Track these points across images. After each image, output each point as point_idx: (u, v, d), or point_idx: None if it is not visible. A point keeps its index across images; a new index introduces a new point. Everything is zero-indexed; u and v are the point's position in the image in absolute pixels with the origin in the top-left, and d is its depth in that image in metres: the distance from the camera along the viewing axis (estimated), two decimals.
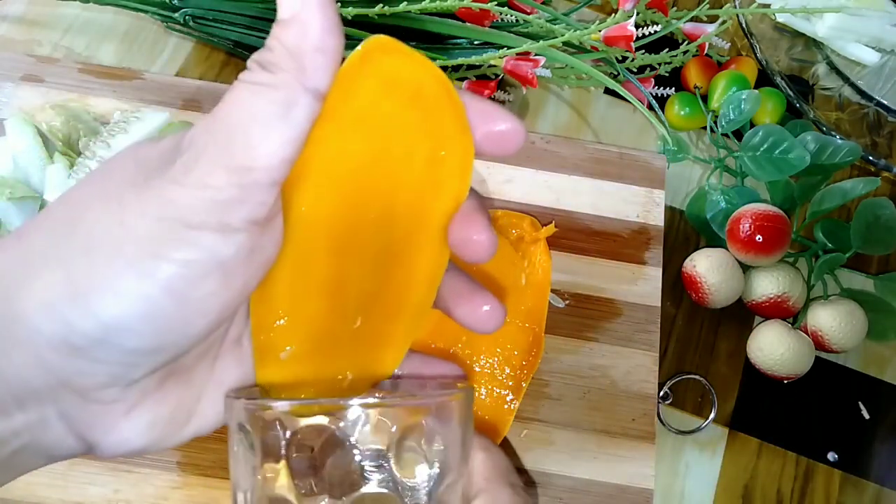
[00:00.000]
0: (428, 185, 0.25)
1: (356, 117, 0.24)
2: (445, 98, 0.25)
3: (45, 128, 0.49)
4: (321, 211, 0.25)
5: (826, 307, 0.49)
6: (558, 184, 0.52)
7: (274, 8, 0.53)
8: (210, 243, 0.21)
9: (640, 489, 0.44)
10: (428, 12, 0.52)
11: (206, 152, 0.21)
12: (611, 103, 0.59)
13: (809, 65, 0.61)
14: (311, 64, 0.22)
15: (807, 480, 0.48)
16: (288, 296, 0.26)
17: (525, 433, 0.45)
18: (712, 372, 0.51)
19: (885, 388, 0.51)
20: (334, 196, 0.25)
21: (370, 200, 0.25)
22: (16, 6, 0.59)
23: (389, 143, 0.25)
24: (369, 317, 0.28)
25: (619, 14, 0.51)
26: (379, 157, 0.25)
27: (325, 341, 0.27)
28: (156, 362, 0.22)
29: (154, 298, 0.21)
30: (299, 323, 0.27)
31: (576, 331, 0.48)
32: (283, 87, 0.22)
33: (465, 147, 0.25)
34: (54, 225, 0.22)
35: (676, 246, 0.54)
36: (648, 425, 0.46)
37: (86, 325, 0.21)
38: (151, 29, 0.59)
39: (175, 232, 0.21)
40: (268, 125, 0.21)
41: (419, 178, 0.25)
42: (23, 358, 0.21)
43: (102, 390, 0.22)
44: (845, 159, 0.51)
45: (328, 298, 0.27)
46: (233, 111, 0.22)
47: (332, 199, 0.25)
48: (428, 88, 0.24)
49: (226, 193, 0.21)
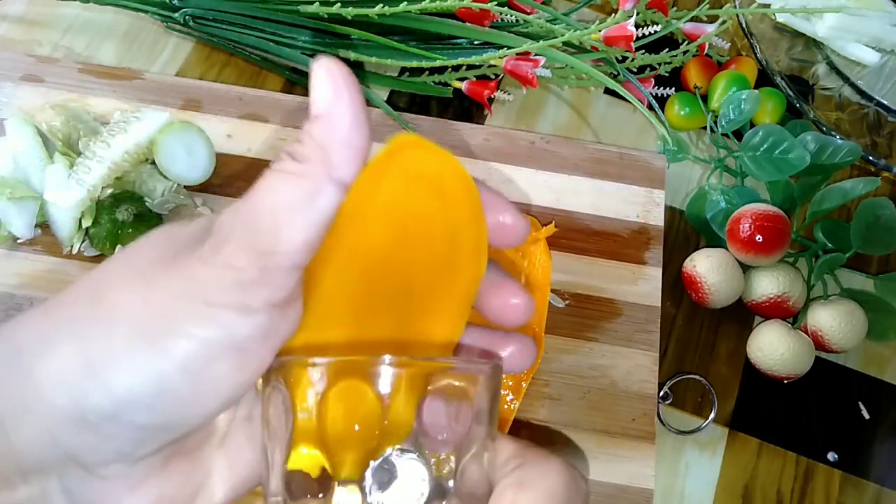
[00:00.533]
0: (445, 267, 0.27)
1: (381, 208, 0.26)
2: (463, 190, 0.27)
3: (45, 128, 0.49)
4: (343, 287, 0.27)
5: (826, 307, 0.49)
6: (558, 184, 0.52)
7: (273, 8, 0.53)
8: (228, 322, 0.21)
9: (640, 489, 0.44)
10: (428, 12, 0.52)
11: (233, 234, 0.22)
12: (611, 103, 0.59)
13: (809, 65, 0.61)
14: (337, 157, 0.23)
15: (807, 480, 0.48)
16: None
17: (525, 433, 0.45)
18: (712, 372, 0.51)
19: (885, 388, 0.51)
20: (356, 274, 0.27)
21: (389, 279, 0.27)
22: (16, 6, 0.59)
23: (410, 229, 0.27)
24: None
25: (619, 14, 0.51)
26: (400, 241, 0.27)
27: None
28: (164, 440, 0.22)
29: (167, 375, 0.21)
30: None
31: (576, 331, 0.48)
32: (310, 176, 0.23)
33: (479, 232, 0.27)
34: (78, 300, 0.22)
35: (676, 246, 0.54)
36: (648, 425, 0.46)
37: (99, 400, 0.21)
38: (151, 29, 0.59)
39: (195, 309, 0.21)
40: (293, 211, 0.22)
41: (437, 260, 0.27)
42: (34, 430, 0.21)
43: (108, 466, 0.22)
44: (845, 159, 0.51)
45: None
46: (261, 197, 0.23)
47: (353, 277, 0.27)
48: (448, 181, 0.27)
49: (248, 274, 0.21)
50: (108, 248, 0.46)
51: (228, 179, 0.50)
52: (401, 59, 0.53)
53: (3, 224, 0.47)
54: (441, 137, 0.52)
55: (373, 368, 0.23)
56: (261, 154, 0.51)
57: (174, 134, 0.48)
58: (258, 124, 0.52)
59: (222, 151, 0.50)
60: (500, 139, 0.53)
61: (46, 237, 0.47)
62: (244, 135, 0.51)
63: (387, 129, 0.52)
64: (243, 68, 0.58)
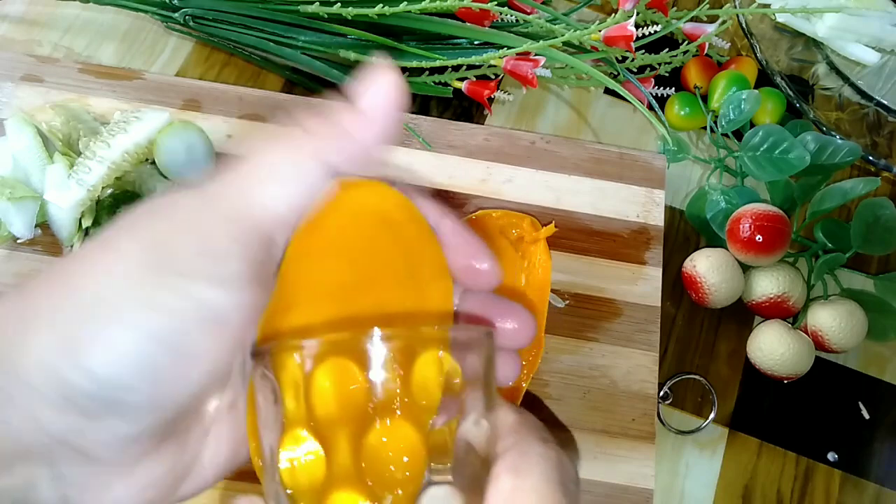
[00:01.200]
0: (412, 289, 0.28)
1: (334, 241, 0.26)
2: (409, 217, 0.27)
3: (45, 128, 0.49)
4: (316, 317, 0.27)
5: (826, 307, 0.49)
6: (558, 184, 0.52)
7: (273, 8, 0.53)
8: (200, 293, 0.21)
9: (640, 489, 0.44)
10: (428, 12, 0.52)
11: (208, 202, 0.22)
12: (611, 103, 0.59)
13: (809, 65, 0.61)
14: (344, 147, 0.23)
15: (807, 480, 0.48)
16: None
17: None
18: (712, 372, 0.51)
19: (885, 388, 0.51)
20: (328, 305, 0.26)
21: (361, 307, 0.27)
22: (16, 6, 0.59)
23: (371, 261, 0.27)
24: None
25: (619, 14, 0.51)
26: (364, 273, 0.27)
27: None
28: (153, 420, 0.22)
29: (143, 350, 0.21)
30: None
31: (576, 331, 0.48)
32: (305, 148, 0.23)
33: (435, 253, 0.28)
34: (53, 283, 0.22)
35: (676, 246, 0.54)
36: (648, 425, 0.46)
37: (80, 381, 0.20)
38: (151, 29, 0.59)
39: (166, 281, 0.21)
40: (273, 177, 0.22)
41: (402, 284, 0.28)
42: (18, 416, 0.21)
43: (103, 449, 0.22)
44: (845, 159, 0.51)
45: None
46: (248, 160, 0.22)
47: (326, 309, 0.26)
48: (393, 213, 0.27)
49: (219, 244, 0.21)
50: None
51: None
52: (401, 59, 0.53)
53: (3, 224, 0.47)
54: (441, 137, 0.52)
55: (361, 345, 0.22)
56: None
57: (174, 134, 0.48)
58: (258, 124, 0.52)
59: (222, 151, 0.50)
60: (500, 139, 0.53)
61: (46, 237, 0.47)
62: (244, 135, 0.51)
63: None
64: (243, 68, 0.58)
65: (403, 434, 0.23)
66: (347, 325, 0.27)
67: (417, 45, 0.53)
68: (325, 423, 0.23)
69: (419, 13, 0.52)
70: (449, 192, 0.51)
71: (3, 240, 0.47)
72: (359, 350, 0.22)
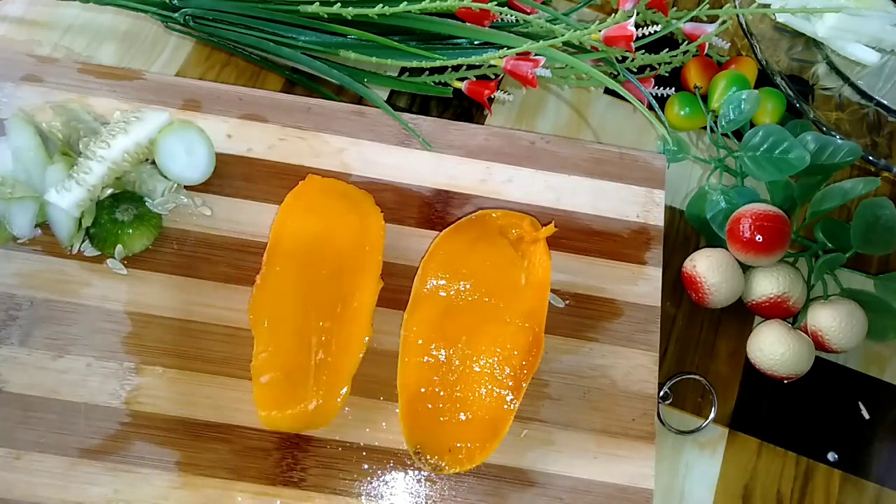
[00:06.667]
0: (360, 249, 0.46)
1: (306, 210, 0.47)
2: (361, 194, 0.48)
3: (45, 128, 0.49)
4: (289, 272, 0.45)
5: (826, 307, 0.49)
6: (558, 184, 0.52)
7: (273, 8, 0.53)
8: None
9: (640, 489, 0.44)
10: (428, 12, 0.52)
11: None
12: (611, 103, 0.59)
13: (809, 65, 0.61)
14: None
15: (807, 480, 0.48)
16: (268, 335, 0.43)
17: (525, 433, 0.45)
18: (712, 372, 0.51)
19: (885, 388, 0.51)
20: (298, 262, 0.45)
21: (323, 263, 0.45)
22: (16, 6, 0.59)
23: (332, 224, 0.46)
24: (328, 351, 0.43)
25: (619, 14, 0.51)
26: (327, 234, 0.46)
27: (295, 371, 0.43)
28: None
29: None
30: (276, 356, 0.43)
31: (576, 331, 0.48)
32: None
33: (377, 218, 0.47)
34: None
35: (676, 246, 0.54)
36: (648, 425, 0.46)
37: None
38: (151, 29, 0.59)
39: None
40: None
41: (354, 245, 0.46)
42: None
43: None
44: (845, 159, 0.51)
45: (296, 337, 0.43)
46: None
47: (296, 264, 0.45)
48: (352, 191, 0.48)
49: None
50: (108, 248, 0.46)
51: (228, 179, 0.50)
52: (401, 59, 0.53)
53: (3, 224, 0.47)
54: (441, 137, 0.52)
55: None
56: (261, 154, 0.51)
57: (174, 134, 0.48)
58: (258, 124, 0.52)
59: (222, 151, 0.50)
60: (500, 139, 0.53)
61: (46, 237, 0.47)
62: (244, 135, 0.51)
63: (387, 128, 0.52)
64: (243, 68, 0.58)
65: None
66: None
67: (417, 45, 0.53)
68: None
69: (419, 13, 0.52)
70: (449, 192, 0.51)
71: (3, 240, 0.47)
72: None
